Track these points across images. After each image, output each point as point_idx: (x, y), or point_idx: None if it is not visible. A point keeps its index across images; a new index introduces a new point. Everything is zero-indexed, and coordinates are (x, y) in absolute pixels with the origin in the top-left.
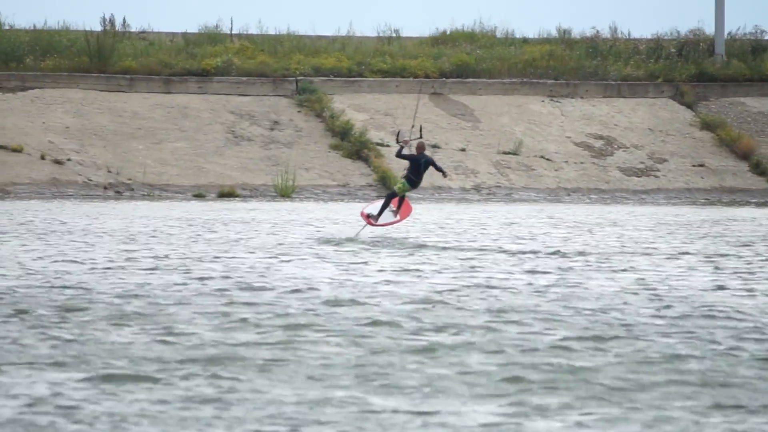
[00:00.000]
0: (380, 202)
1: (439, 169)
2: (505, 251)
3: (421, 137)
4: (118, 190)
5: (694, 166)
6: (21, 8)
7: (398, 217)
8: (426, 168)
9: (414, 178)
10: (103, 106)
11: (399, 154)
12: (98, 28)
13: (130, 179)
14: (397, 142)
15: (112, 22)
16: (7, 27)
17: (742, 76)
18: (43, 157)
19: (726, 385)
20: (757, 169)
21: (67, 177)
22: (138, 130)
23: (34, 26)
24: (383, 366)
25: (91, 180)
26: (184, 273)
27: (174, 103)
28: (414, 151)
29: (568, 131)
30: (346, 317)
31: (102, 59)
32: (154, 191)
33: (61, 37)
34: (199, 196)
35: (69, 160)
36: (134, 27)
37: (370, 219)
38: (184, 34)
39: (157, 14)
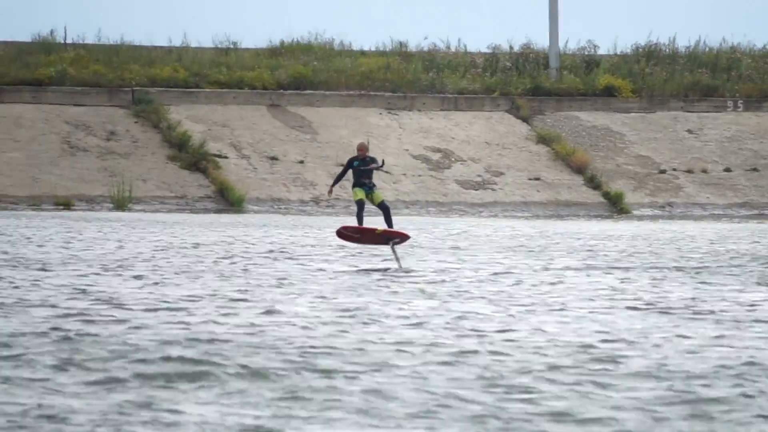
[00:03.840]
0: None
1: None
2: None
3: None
4: None
5: (530, 179)
6: None
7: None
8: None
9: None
10: None
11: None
12: None
13: None
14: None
15: None
16: None
17: (576, 91)
18: None
19: None
20: (592, 182)
21: None
22: None
23: None
24: None
25: None
26: None
27: (7, 113)
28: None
29: (405, 144)
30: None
31: None
32: None
33: None
34: (35, 206)
35: None
36: None
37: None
38: (16, 43)
39: None
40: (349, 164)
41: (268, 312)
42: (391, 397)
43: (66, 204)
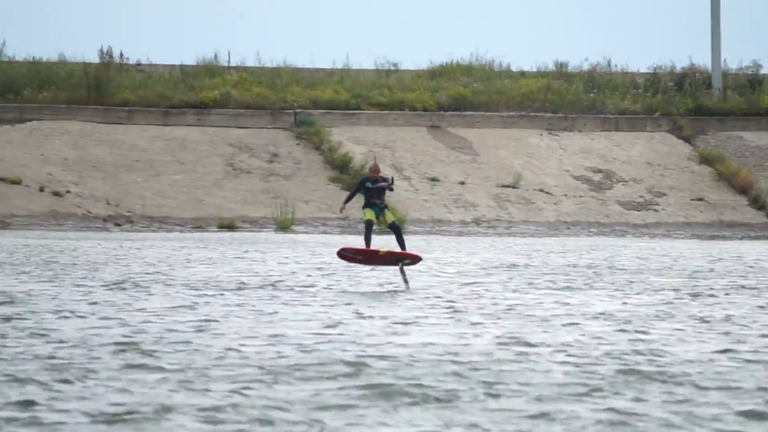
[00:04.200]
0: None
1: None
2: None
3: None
4: (118, 222)
5: (693, 200)
6: (19, 40)
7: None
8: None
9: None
10: (101, 138)
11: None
12: (96, 59)
13: (129, 211)
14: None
15: (109, 54)
16: (5, 59)
17: (739, 110)
18: (42, 189)
19: None
20: (756, 203)
21: (67, 209)
22: (136, 162)
23: (33, 58)
24: None
25: (90, 212)
26: None
27: (172, 135)
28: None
29: (566, 165)
30: None
31: (100, 91)
32: (153, 223)
33: (58, 68)
34: (199, 228)
35: (68, 192)
36: (132, 59)
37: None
38: (182, 66)
39: (154, 46)
40: (361, 184)
41: (439, 334)
42: (565, 417)
43: (230, 226)
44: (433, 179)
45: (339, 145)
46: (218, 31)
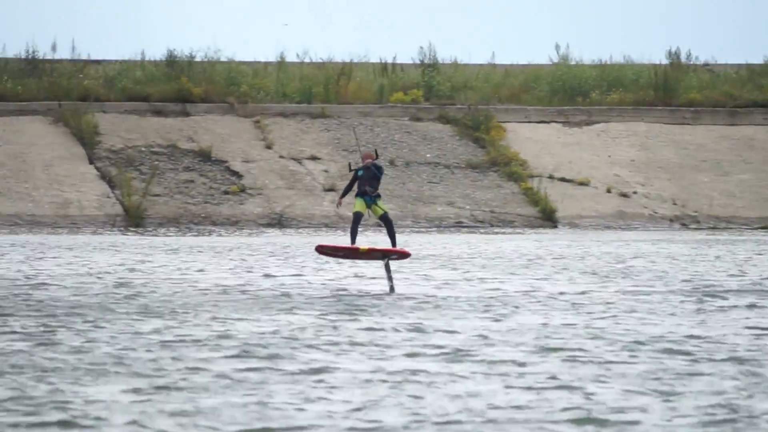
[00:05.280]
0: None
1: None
2: None
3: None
4: (684, 222)
5: None
6: (588, 44)
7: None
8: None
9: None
10: (667, 139)
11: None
12: (663, 61)
13: (695, 212)
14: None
15: (677, 54)
16: (573, 63)
17: None
18: (608, 190)
19: None
20: None
21: (633, 209)
22: (703, 162)
23: (600, 61)
24: None
25: (656, 212)
26: None
27: (739, 134)
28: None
29: None
30: None
31: (667, 92)
32: (719, 224)
33: (626, 71)
34: (765, 229)
35: (635, 192)
36: (700, 59)
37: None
38: (749, 65)
39: (722, 45)
40: (355, 174)
41: None
42: None
43: None
44: None
45: None
46: None
